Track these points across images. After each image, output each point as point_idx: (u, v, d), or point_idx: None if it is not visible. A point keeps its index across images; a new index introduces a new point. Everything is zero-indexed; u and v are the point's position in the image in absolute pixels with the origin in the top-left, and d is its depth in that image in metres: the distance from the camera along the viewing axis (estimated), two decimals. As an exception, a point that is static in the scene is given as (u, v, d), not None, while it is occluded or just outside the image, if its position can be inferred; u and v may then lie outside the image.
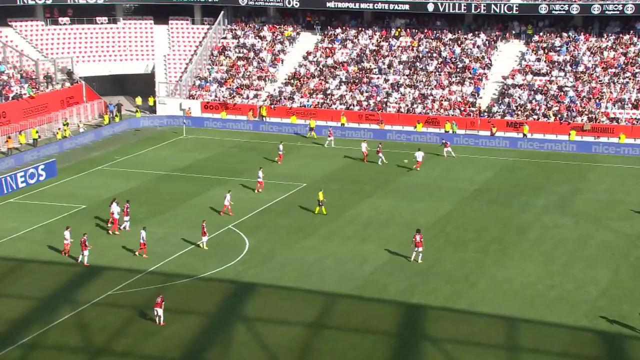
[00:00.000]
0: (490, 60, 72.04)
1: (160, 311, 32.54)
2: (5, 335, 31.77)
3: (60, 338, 31.77)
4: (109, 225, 43.84)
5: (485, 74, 70.76)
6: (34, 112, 66.44)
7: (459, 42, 74.27)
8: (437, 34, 75.67)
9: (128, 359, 30.38)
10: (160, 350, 31.00)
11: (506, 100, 67.26)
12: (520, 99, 67.26)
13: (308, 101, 70.82)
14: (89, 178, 54.76)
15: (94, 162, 58.80)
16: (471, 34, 74.92)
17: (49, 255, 40.35)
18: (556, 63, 69.94)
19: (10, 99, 64.82)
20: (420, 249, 39.52)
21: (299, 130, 67.42)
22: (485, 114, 66.58)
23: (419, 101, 68.84)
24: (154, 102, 74.59)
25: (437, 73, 71.38)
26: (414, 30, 76.55)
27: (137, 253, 40.00)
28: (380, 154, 57.73)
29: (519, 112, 65.94)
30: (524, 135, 64.01)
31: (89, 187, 52.19)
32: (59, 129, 65.37)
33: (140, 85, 79.07)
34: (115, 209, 43.46)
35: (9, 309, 34.12)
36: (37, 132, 62.84)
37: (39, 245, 41.65)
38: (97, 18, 79.98)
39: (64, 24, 78.93)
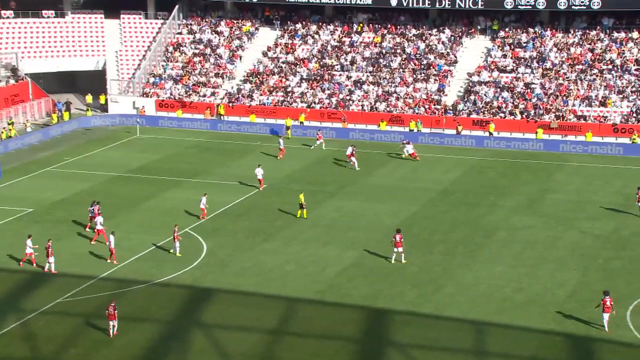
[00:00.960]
0: (456, 56, 72.62)
1: (114, 322, 31.97)
2: (-53, 347, 31.14)
3: (5, 349, 31.19)
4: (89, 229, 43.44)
5: (450, 70, 71.31)
6: (-23, 111, 65.28)
7: (424, 37, 74.73)
8: (401, 30, 76.05)
9: (79, 370, 29.97)
10: (113, 360, 30.63)
11: (472, 97, 67.86)
12: (486, 96, 67.92)
13: (268, 99, 70.68)
14: (36, 180, 53.94)
15: (42, 163, 57.94)
16: (436, 30, 75.45)
17: (-7, 262, 39.62)
18: (522, 59, 70.78)
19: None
20: (401, 249, 39.79)
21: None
22: (451, 111, 67.08)
23: (383, 99, 69.12)
24: (106, 100, 73.78)
25: (401, 70, 71.75)
26: (377, 25, 76.84)
27: (109, 260, 39.42)
28: (353, 158, 57.02)
29: (485, 110, 66.58)
30: (490, 133, 64.63)
31: (36, 190, 51.39)
32: (4, 128, 64.29)
33: (90, 83, 78.18)
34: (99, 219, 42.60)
35: (-50, 319, 33.44)
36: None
37: (-17, 251, 40.87)
38: (43, 11, 78.80)
39: (7, 17, 77.62)
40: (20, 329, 32.77)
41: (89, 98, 75.16)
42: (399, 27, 76.43)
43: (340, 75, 72.31)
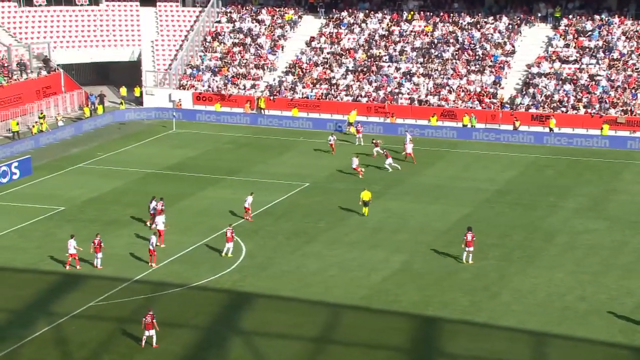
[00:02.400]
0: (514, 46, 72.01)
1: (151, 332, 32.00)
2: (-24, 351, 31.87)
3: (36, 354, 31.77)
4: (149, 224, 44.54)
5: (507, 61, 70.73)
6: (6, 104, 66.54)
7: (479, 26, 74.23)
8: (454, 18, 75.63)
9: (112, 378, 30.44)
10: (147, 367, 31.04)
11: (531, 90, 67.22)
12: (546, 89, 67.23)
13: (312, 92, 70.87)
14: (67, 177, 54.83)
15: (74, 159, 58.88)
16: (492, 18, 74.88)
17: (23, 263, 40.40)
18: (587, 49, 69.88)
19: (-21, 88, 65.03)
20: (471, 248, 39.88)
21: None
22: (508, 106, 66.54)
23: (434, 92, 68.82)
24: (141, 92, 74.68)
25: (453, 61, 71.36)
26: (428, 13, 76.54)
27: (152, 264, 39.96)
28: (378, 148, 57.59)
29: (545, 104, 65.90)
30: (551, 129, 63.98)
31: (67, 187, 52.25)
32: (35, 122, 65.46)
33: (125, 74, 79.17)
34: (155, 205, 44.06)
35: (-21, 322, 34.19)
36: (17, 123, 62.88)
37: (12, 252, 41.69)
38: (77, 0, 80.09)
39: (40, 5, 79.02)
40: (52, 333, 33.36)
41: (123, 90, 76.16)
42: (452, 15, 76.01)
43: (388, 66, 72.18)
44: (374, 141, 59.48)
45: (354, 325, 34.50)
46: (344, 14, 78.41)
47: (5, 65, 69.78)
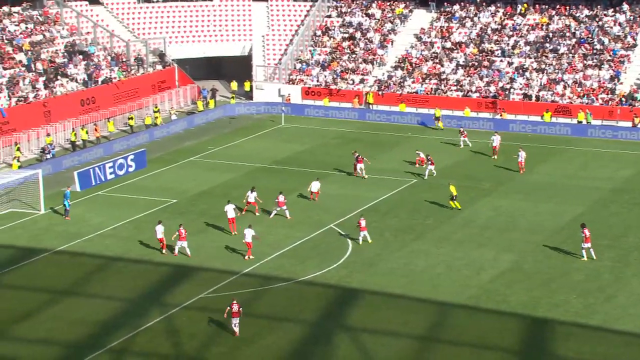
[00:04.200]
0: (635, 39, 69.65)
1: (236, 321, 32.78)
2: (93, 338, 33.05)
3: (149, 344, 32.77)
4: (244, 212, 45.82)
5: (627, 55, 68.48)
6: (124, 98, 68.69)
7: (597, 19, 72.11)
8: (571, 10, 73.70)
9: (220, 369, 31.06)
10: (255, 361, 31.55)
11: (651, 86, 64.95)
12: (667, 84, 64.82)
13: (421, 87, 70.41)
14: (180, 170, 56.22)
15: (186, 152, 60.32)
16: (612, 10, 72.63)
17: (137, 253, 41.72)
18: None
19: (99, 83, 67.26)
20: (589, 244, 39.29)
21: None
22: (627, 102, 64.46)
23: (548, 87, 67.30)
24: (251, 87, 75.83)
25: (569, 55, 69.57)
26: (543, 6, 74.81)
27: (247, 257, 40.74)
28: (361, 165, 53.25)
29: (666, 100, 63.57)
30: (672, 126, 61.70)
31: (180, 180, 53.58)
32: (149, 115, 67.34)
33: (236, 69, 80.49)
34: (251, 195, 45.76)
35: (95, 310, 35.48)
36: (132, 118, 64.92)
37: (128, 243, 43.11)
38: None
39: (157, 1, 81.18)
40: (164, 323, 34.35)
41: (234, 85, 77.48)
42: (568, 7, 74.12)
43: (500, 61, 70.97)
44: (461, 130, 59.16)
45: (462, 324, 34.20)
46: (456, 7, 77.50)
47: (124, 60, 72.05)
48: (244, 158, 58.46)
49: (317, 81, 73.81)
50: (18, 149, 56.19)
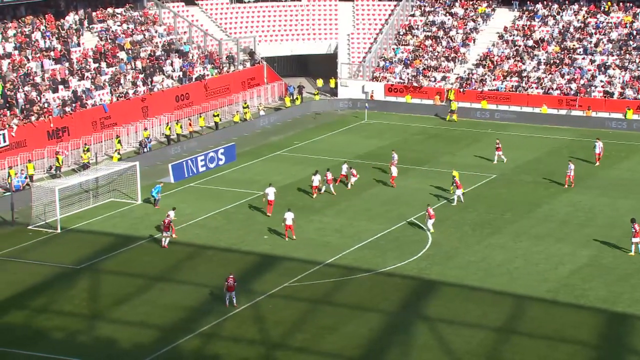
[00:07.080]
0: None
1: (232, 294, 34.34)
2: (183, 323, 33.81)
3: (237, 329, 33.30)
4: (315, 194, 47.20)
5: None
6: (216, 94, 69.79)
7: (680, 16, 69.79)
8: (655, 8, 71.54)
9: (304, 355, 31.33)
10: (337, 348, 31.69)
11: None
12: None
13: (502, 84, 69.38)
14: (267, 164, 56.83)
15: (273, 146, 60.91)
16: (696, 7, 70.17)
17: (226, 243, 42.43)
18: None
19: (193, 80, 68.52)
20: (638, 239, 38.54)
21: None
22: None
23: (630, 85, 65.44)
24: (336, 84, 76.04)
25: (652, 52, 67.52)
26: (628, 4, 72.67)
27: (287, 238, 41.87)
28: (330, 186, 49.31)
29: None
30: None
31: (267, 174, 54.13)
32: (238, 111, 68.26)
33: (321, 66, 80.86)
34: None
35: (186, 296, 36.27)
36: (218, 115, 65.94)
37: (218, 232, 43.88)
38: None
39: (249, 1, 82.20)
40: (251, 310, 34.87)
41: (319, 82, 77.81)
42: (653, 5, 72.01)
43: (582, 59, 69.33)
44: (497, 142, 55.10)
45: (539, 317, 33.74)
46: (539, 5, 76.01)
47: (217, 57, 73.21)
48: (327, 152, 58.71)
49: (400, 78, 73.49)
50: (119, 142, 57.79)
